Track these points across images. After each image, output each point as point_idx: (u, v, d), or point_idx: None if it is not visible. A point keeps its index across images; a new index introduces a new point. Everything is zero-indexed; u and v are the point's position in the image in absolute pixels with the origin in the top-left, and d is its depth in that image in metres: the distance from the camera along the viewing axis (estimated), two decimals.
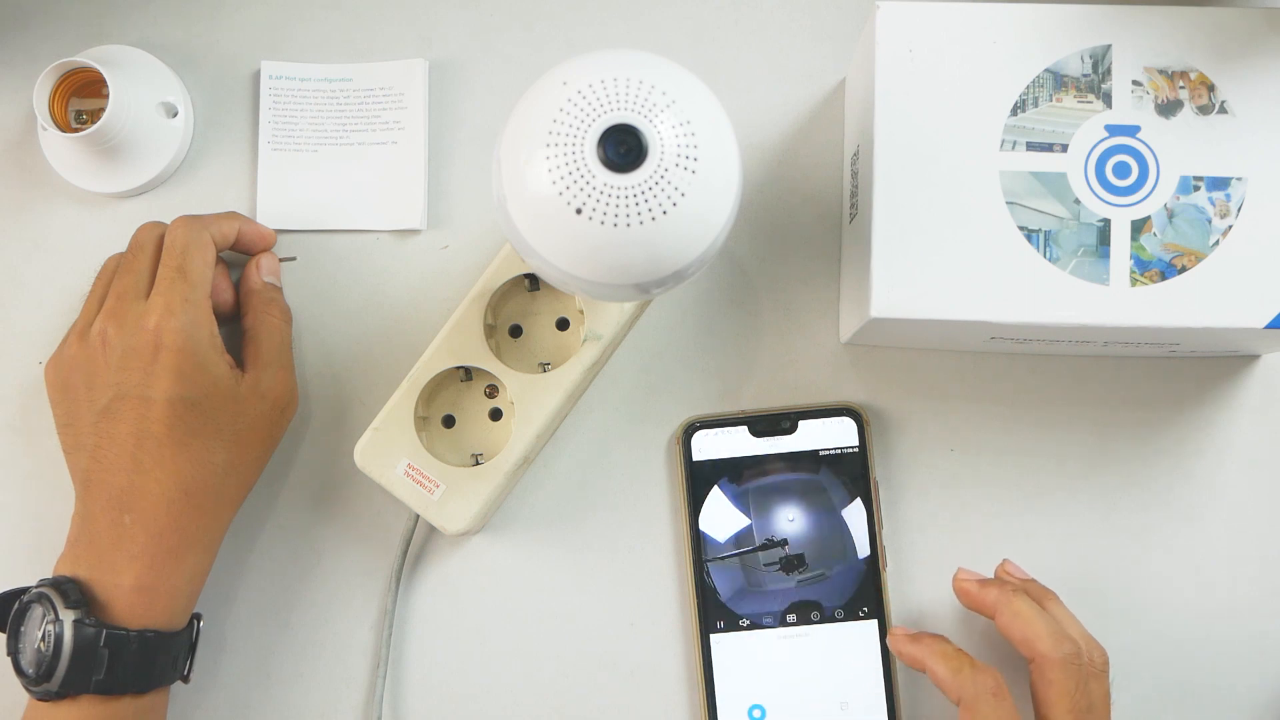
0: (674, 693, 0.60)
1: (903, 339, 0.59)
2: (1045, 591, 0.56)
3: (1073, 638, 0.53)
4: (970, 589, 0.56)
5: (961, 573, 0.57)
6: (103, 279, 0.60)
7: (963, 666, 0.53)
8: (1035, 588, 0.56)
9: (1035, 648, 0.53)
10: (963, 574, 0.57)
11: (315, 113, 0.63)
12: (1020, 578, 0.57)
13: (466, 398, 0.60)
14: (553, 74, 0.44)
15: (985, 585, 0.56)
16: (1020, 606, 0.54)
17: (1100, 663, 0.53)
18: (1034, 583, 0.57)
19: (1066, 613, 0.55)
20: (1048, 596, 0.56)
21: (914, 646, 0.55)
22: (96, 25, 0.64)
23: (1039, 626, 0.53)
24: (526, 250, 0.45)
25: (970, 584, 0.56)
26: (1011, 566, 0.58)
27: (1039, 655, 0.52)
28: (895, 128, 0.53)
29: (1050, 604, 0.55)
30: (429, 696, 0.60)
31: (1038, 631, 0.53)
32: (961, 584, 0.57)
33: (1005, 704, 0.51)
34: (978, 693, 0.52)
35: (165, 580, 0.54)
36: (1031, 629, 0.53)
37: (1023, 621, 0.53)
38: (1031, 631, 0.53)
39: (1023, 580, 0.57)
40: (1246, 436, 0.61)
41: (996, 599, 0.54)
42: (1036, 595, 0.56)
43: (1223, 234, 0.52)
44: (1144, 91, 0.52)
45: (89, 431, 0.55)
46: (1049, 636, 0.52)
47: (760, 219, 0.62)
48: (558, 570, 0.61)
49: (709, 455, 0.60)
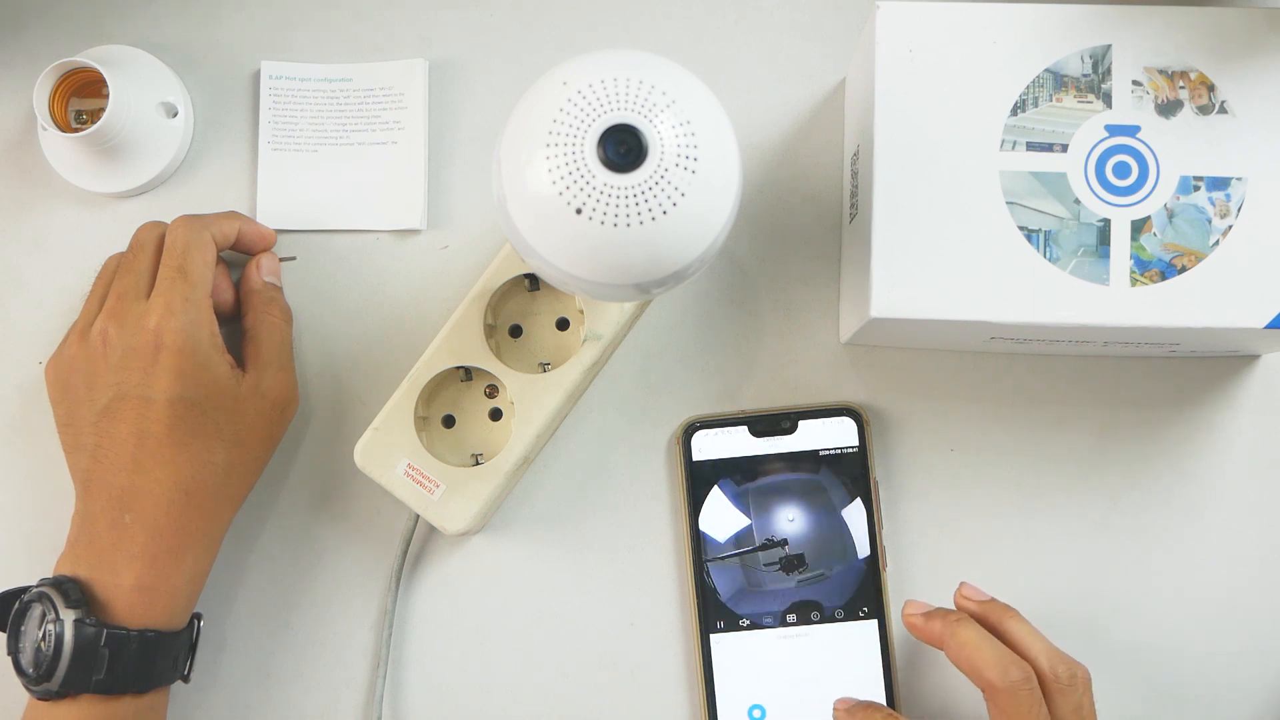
0: (674, 693, 0.60)
1: (903, 339, 0.59)
2: (1005, 610, 0.54)
3: (1021, 662, 0.51)
4: (917, 623, 0.55)
5: (909, 605, 0.56)
6: (103, 279, 0.60)
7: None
8: (994, 608, 0.54)
9: (983, 676, 0.51)
10: (910, 607, 0.55)
11: (315, 113, 0.63)
12: (978, 600, 0.55)
13: (466, 398, 0.60)
14: (553, 74, 0.44)
15: (931, 617, 0.54)
16: (966, 636, 0.52)
17: (1066, 678, 0.51)
18: (993, 603, 0.55)
19: (1028, 629, 0.53)
20: (1006, 615, 0.54)
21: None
22: (96, 25, 0.64)
23: (986, 654, 0.51)
24: (526, 250, 0.45)
25: (917, 618, 0.55)
26: (969, 590, 0.56)
27: (988, 684, 0.51)
28: (895, 128, 0.53)
29: (1009, 623, 0.53)
30: (429, 696, 0.60)
31: (985, 659, 0.51)
32: (909, 619, 0.55)
33: None
34: None
35: (165, 580, 0.54)
36: (979, 656, 0.51)
37: (970, 650, 0.52)
38: (979, 659, 0.51)
39: (980, 603, 0.55)
40: (1246, 436, 0.61)
41: (942, 630, 0.53)
42: (995, 616, 0.54)
43: (1223, 234, 0.52)
44: (1144, 91, 0.52)
45: (89, 431, 0.55)
46: (995, 664, 0.51)
47: (760, 219, 0.62)
48: (558, 570, 0.61)
49: (709, 455, 0.60)
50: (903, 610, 0.56)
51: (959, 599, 0.56)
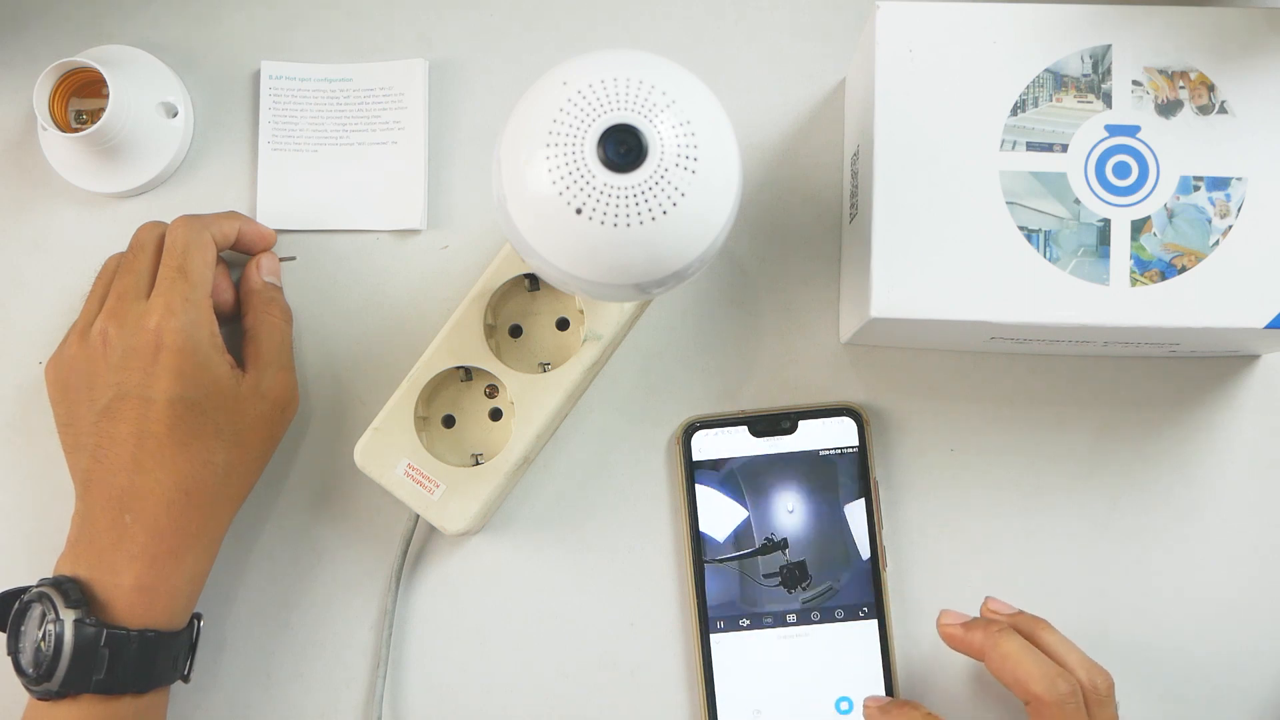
0: (674, 693, 0.60)
1: (903, 339, 0.59)
2: (1035, 622, 0.54)
3: (1067, 674, 0.51)
4: (955, 634, 0.54)
5: (945, 616, 0.55)
6: (103, 279, 0.60)
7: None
8: (1024, 620, 0.54)
9: (1029, 689, 0.51)
10: (947, 617, 0.55)
11: (315, 113, 0.63)
12: (1006, 614, 0.55)
13: (466, 398, 0.60)
14: (553, 74, 0.44)
15: (971, 627, 0.54)
16: (1009, 648, 0.52)
17: (1104, 689, 0.51)
18: (1022, 615, 0.55)
19: (1061, 639, 0.53)
20: (1039, 626, 0.54)
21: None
22: (96, 25, 0.64)
23: (1030, 667, 0.51)
24: (526, 250, 0.45)
25: (955, 629, 0.54)
26: (996, 604, 0.55)
27: (1034, 697, 0.51)
28: (895, 128, 0.53)
29: (1042, 634, 0.53)
30: (429, 696, 0.60)
31: (1029, 673, 0.51)
32: (946, 629, 0.55)
33: None
34: None
35: (165, 580, 0.54)
36: (1023, 669, 0.51)
37: (1013, 663, 0.51)
38: (1023, 673, 0.51)
39: (1010, 615, 0.55)
40: (1246, 436, 0.61)
41: (983, 642, 0.53)
42: (1026, 628, 0.54)
43: (1223, 234, 0.52)
44: (1144, 91, 0.52)
45: (89, 431, 0.55)
46: (1042, 678, 0.50)
47: (760, 219, 0.62)
48: (558, 570, 0.61)
49: (709, 455, 0.60)
50: (939, 620, 0.55)
51: (987, 613, 0.55)
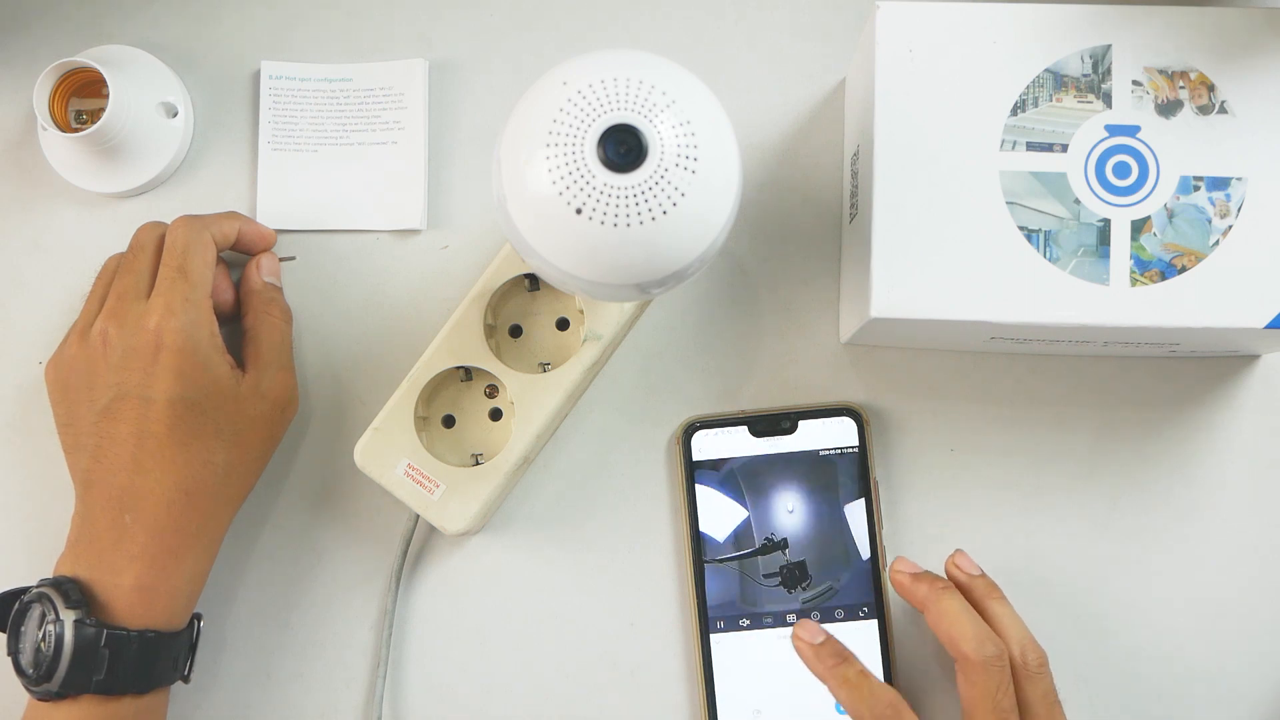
0: (674, 693, 0.60)
1: (903, 339, 0.59)
2: (990, 589, 0.55)
3: (998, 640, 0.53)
4: (903, 581, 0.56)
5: (899, 562, 0.57)
6: (103, 279, 0.60)
7: (862, 686, 0.52)
8: (980, 584, 0.56)
9: (959, 647, 0.52)
10: (900, 564, 0.56)
11: (315, 113, 0.63)
12: (969, 572, 0.56)
13: (466, 398, 0.60)
14: (553, 74, 0.44)
15: (918, 580, 0.55)
16: (947, 605, 0.53)
17: (1034, 664, 0.53)
18: (981, 579, 0.56)
19: (1008, 611, 0.54)
20: (991, 594, 0.55)
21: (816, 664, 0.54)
22: (96, 25, 0.64)
23: (964, 627, 0.53)
24: (526, 250, 0.45)
25: (904, 576, 0.56)
26: (963, 560, 0.57)
27: (962, 655, 0.52)
28: (895, 128, 0.53)
29: (991, 603, 0.55)
30: (429, 696, 0.60)
31: (962, 632, 0.52)
32: (896, 575, 0.56)
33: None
34: (876, 714, 0.52)
35: (165, 580, 0.54)
36: (956, 628, 0.53)
37: (949, 621, 0.53)
38: (956, 631, 0.53)
39: (970, 576, 0.56)
40: (1246, 436, 0.61)
41: (926, 595, 0.54)
42: (979, 592, 0.55)
43: (1223, 234, 0.52)
44: (1144, 91, 0.52)
45: (89, 431, 0.55)
46: (973, 638, 0.52)
47: (760, 219, 0.62)
48: (558, 570, 0.61)
49: (709, 455, 0.60)
50: (892, 565, 0.57)
51: (950, 567, 0.57)
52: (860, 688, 0.52)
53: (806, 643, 0.54)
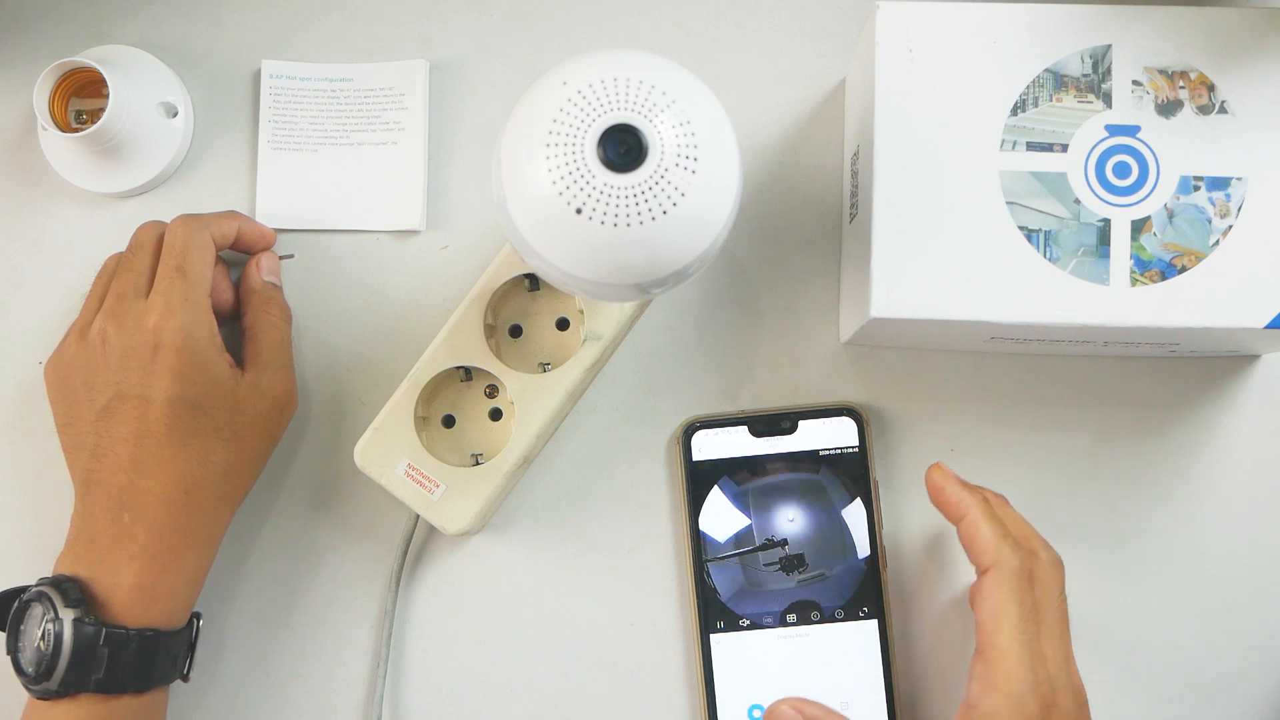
0: (674, 693, 0.60)
1: (903, 339, 0.59)
2: (997, 498, 0.55)
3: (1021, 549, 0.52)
4: (937, 489, 0.54)
5: (935, 472, 0.55)
6: (102, 278, 0.60)
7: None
8: (986, 491, 0.55)
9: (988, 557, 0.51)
10: (935, 474, 0.55)
11: (315, 113, 0.63)
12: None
13: (466, 398, 0.60)
14: (553, 74, 0.44)
15: (947, 489, 0.54)
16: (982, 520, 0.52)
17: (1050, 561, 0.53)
18: (983, 489, 0.55)
19: (1018, 515, 0.54)
20: (998, 497, 0.55)
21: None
22: (96, 25, 0.64)
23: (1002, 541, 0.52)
24: (526, 250, 0.45)
25: (936, 484, 0.54)
26: (945, 469, 0.55)
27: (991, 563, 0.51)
28: (895, 128, 0.53)
29: (1003, 508, 0.54)
30: (429, 696, 0.60)
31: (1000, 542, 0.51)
32: (932, 480, 0.55)
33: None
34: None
35: (165, 579, 0.54)
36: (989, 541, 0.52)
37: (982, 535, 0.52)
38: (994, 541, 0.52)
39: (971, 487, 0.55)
40: (1246, 436, 0.61)
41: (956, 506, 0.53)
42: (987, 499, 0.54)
43: (1223, 234, 0.52)
44: (1144, 91, 0.52)
45: (89, 431, 0.55)
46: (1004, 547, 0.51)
47: (760, 219, 0.62)
48: (558, 570, 0.61)
49: (709, 455, 0.60)
50: (928, 473, 0.55)
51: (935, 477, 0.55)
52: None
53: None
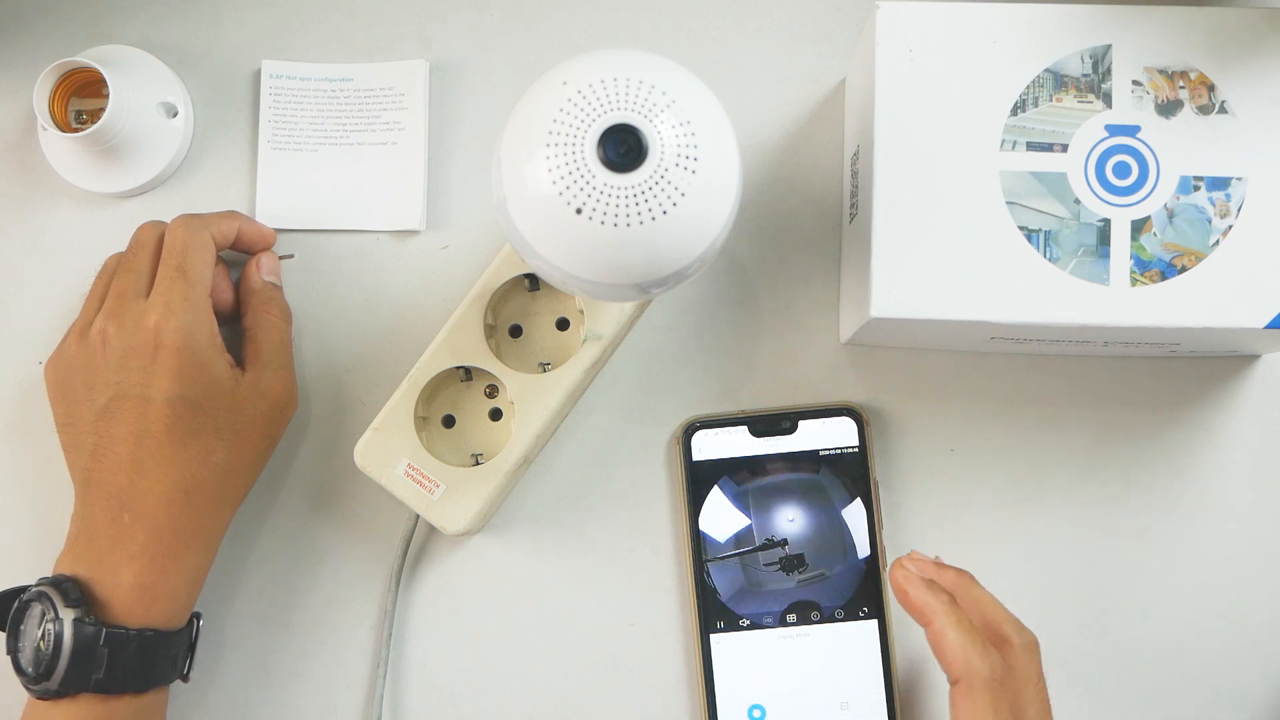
0: (674, 693, 0.60)
1: (903, 339, 0.59)
2: (960, 575, 0.53)
3: (992, 654, 0.50)
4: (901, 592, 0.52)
5: (898, 571, 0.53)
6: (102, 278, 0.60)
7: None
8: (949, 575, 0.53)
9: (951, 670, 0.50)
10: (898, 573, 0.53)
11: (315, 113, 0.63)
12: (932, 566, 0.54)
13: (466, 398, 0.60)
14: (553, 74, 0.44)
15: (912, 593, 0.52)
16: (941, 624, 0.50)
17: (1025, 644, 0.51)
18: (947, 570, 0.54)
19: (986, 594, 0.53)
20: (962, 579, 0.53)
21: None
22: (96, 25, 0.64)
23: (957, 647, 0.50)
24: (526, 250, 0.45)
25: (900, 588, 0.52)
26: (919, 557, 0.54)
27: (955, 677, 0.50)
28: (895, 128, 0.53)
29: (971, 589, 0.53)
30: (429, 696, 0.60)
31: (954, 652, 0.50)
32: (896, 581, 0.53)
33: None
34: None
35: (165, 579, 0.54)
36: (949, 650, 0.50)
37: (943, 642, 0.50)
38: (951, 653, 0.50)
39: (936, 570, 0.53)
40: (1246, 436, 0.61)
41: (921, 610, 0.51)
42: (950, 584, 0.53)
43: (1223, 234, 0.52)
44: (1144, 91, 0.52)
45: (89, 431, 0.55)
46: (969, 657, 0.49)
47: (760, 219, 0.62)
48: (558, 570, 0.61)
49: (709, 455, 0.60)
50: (891, 571, 0.53)
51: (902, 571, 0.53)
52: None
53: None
